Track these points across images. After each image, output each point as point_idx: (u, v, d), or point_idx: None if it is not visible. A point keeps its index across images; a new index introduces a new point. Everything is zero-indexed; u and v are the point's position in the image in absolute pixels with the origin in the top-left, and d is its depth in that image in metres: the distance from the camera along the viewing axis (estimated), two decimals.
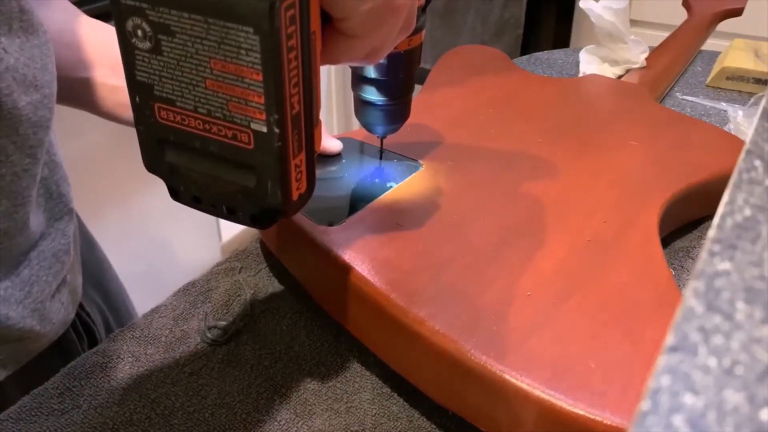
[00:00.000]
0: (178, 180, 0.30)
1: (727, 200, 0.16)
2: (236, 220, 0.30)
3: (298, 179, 0.29)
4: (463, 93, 0.61)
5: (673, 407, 0.12)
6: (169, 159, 0.29)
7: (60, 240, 0.45)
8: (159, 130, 0.29)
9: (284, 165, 0.27)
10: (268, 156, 0.27)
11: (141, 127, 0.29)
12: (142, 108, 0.28)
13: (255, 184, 0.28)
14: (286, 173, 0.28)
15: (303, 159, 0.29)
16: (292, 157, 0.28)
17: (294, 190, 0.29)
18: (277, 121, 0.26)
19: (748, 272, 0.14)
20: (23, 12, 0.37)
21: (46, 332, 0.44)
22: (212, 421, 0.37)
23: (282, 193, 0.28)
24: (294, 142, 0.27)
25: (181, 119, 0.28)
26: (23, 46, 0.37)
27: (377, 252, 0.39)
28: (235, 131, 0.27)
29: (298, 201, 0.29)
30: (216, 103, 0.27)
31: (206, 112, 0.27)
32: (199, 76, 0.26)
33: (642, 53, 0.74)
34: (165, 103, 0.28)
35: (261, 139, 0.27)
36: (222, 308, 0.45)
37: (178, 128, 0.28)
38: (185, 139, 0.28)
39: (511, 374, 0.32)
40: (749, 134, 0.19)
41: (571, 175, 0.48)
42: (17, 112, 0.36)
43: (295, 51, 0.26)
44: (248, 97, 0.26)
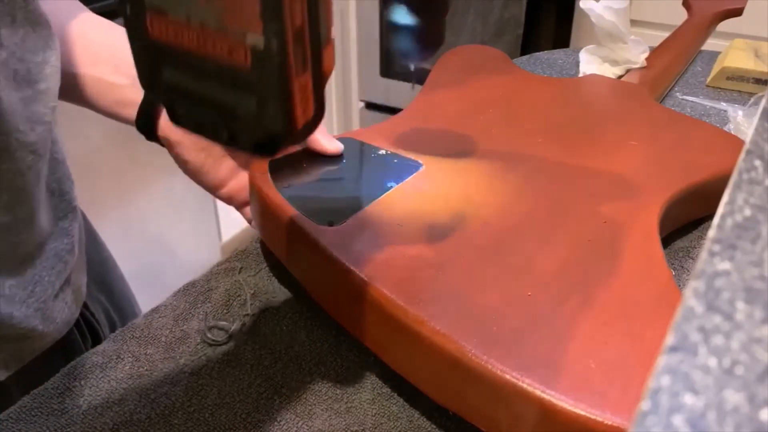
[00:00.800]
0: (177, 101, 0.27)
1: (727, 200, 0.16)
2: (239, 147, 0.27)
3: (303, 103, 0.26)
4: (464, 93, 0.61)
5: (673, 407, 0.12)
6: (165, 78, 0.27)
7: (64, 239, 0.45)
8: (153, 44, 0.26)
9: (286, 85, 0.25)
10: (266, 74, 0.24)
11: (134, 43, 0.27)
12: (134, 21, 0.26)
13: (255, 107, 0.25)
14: (289, 94, 0.25)
15: (309, 80, 0.26)
16: (295, 76, 0.25)
17: (299, 114, 0.26)
18: (276, 32, 0.24)
19: (748, 272, 0.14)
20: (28, 2, 0.36)
21: (49, 332, 0.44)
22: (212, 421, 0.37)
23: (285, 117, 0.25)
24: (297, 58, 0.25)
25: (174, 32, 0.25)
26: (26, 37, 0.37)
27: (377, 252, 0.39)
28: (231, 46, 0.24)
29: (304, 128, 0.27)
30: (209, 12, 0.24)
31: (199, 24, 0.25)
32: None
33: (642, 53, 0.74)
34: (157, 13, 0.25)
35: (258, 54, 0.24)
36: (222, 308, 0.45)
37: (172, 43, 0.26)
38: (180, 56, 0.26)
39: (511, 374, 0.32)
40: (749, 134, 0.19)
41: (572, 175, 0.48)
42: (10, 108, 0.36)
43: None
44: (243, 3, 0.23)
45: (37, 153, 0.39)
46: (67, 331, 0.47)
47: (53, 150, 0.44)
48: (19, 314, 0.41)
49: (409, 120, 0.56)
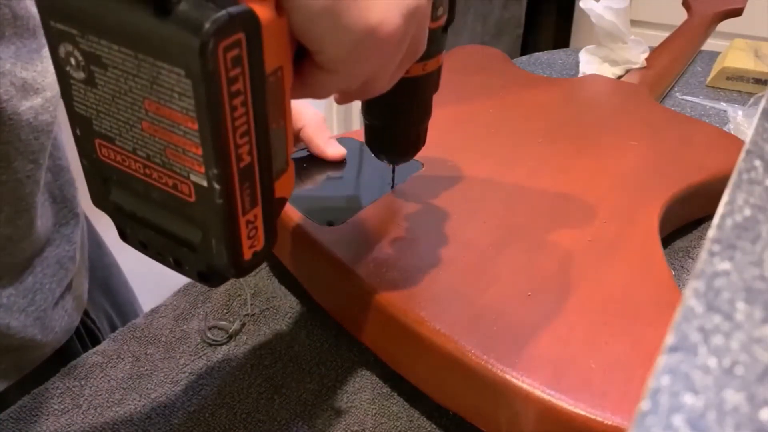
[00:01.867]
0: (124, 221, 0.27)
1: (727, 200, 0.16)
2: (184, 274, 0.27)
3: (251, 236, 0.25)
4: (464, 93, 0.61)
5: (673, 407, 0.12)
6: (113, 198, 0.27)
7: (65, 246, 0.44)
8: (101, 167, 0.26)
9: (231, 223, 0.24)
10: (210, 212, 0.24)
11: (84, 161, 0.26)
12: (83, 142, 0.25)
13: (200, 240, 0.25)
14: (234, 231, 0.24)
15: (259, 214, 0.25)
16: (242, 214, 0.24)
17: (245, 249, 0.25)
18: (218, 176, 0.23)
19: (748, 272, 0.14)
20: (17, 17, 0.36)
21: (48, 341, 0.43)
22: (212, 421, 0.37)
23: (229, 253, 0.25)
24: (245, 197, 0.24)
25: (122, 159, 0.25)
26: (19, 52, 0.36)
27: (377, 252, 0.39)
28: (176, 180, 0.24)
29: (252, 260, 0.26)
30: (154, 148, 0.23)
31: (145, 156, 0.24)
32: (134, 116, 0.23)
33: (642, 53, 0.74)
34: (105, 140, 0.25)
35: (202, 193, 0.23)
36: (222, 308, 0.45)
37: (120, 168, 0.25)
38: (127, 181, 0.25)
39: (511, 374, 0.32)
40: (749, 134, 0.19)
41: (572, 175, 0.48)
42: (18, 118, 0.36)
43: (242, 96, 0.22)
44: (186, 146, 0.23)
45: (37, 162, 0.38)
46: (67, 340, 0.47)
47: (57, 156, 0.44)
48: (17, 324, 0.40)
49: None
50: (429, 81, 0.37)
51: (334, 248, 0.40)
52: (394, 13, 0.25)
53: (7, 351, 0.41)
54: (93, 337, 0.52)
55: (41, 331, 0.42)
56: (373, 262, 0.38)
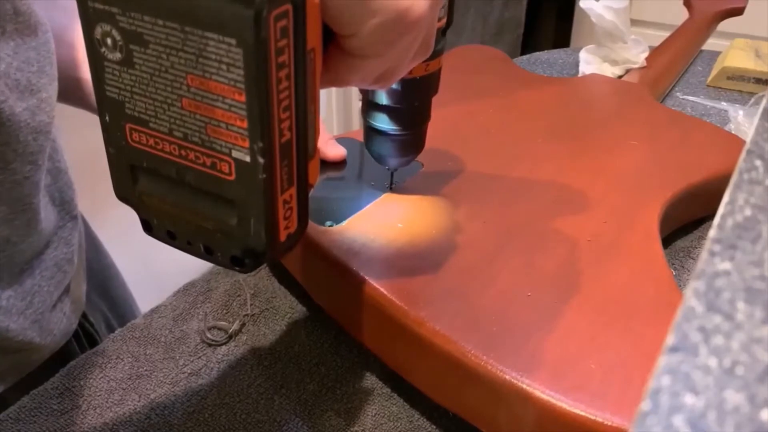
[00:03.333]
0: (151, 211, 0.27)
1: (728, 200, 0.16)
2: (214, 261, 0.26)
3: (287, 217, 0.25)
4: (464, 93, 0.61)
5: (674, 407, 0.12)
6: (141, 187, 0.26)
7: (63, 249, 0.44)
8: (130, 153, 0.25)
9: (270, 201, 0.24)
10: (251, 190, 0.23)
11: (111, 149, 0.26)
12: (112, 128, 0.25)
13: (236, 221, 0.24)
14: (273, 210, 0.24)
15: (294, 194, 0.25)
16: (280, 192, 0.24)
17: (282, 229, 0.25)
18: (262, 149, 0.23)
19: (749, 272, 0.14)
20: (18, 14, 0.36)
21: (46, 344, 0.43)
22: (212, 421, 0.37)
23: (267, 233, 0.24)
24: (283, 174, 0.24)
25: (154, 143, 0.25)
26: (18, 49, 0.36)
27: (377, 253, 0.39)
28: (215, 159, 0.24)
29: (286, 242, 0.26)
30: (193, 126, 0.23)
31: (182, 136, 0.24)
32: (174, 94, 0.23)
33: (642, 53, 0.74)
34: (137, 124, 0.25)
35: (244, 169, 0.23)
36: (222, 308, 0.45)
37: (152, 153, 0.25)
38: (159, 166, 0.25)
39: (511, 375, 0.32)
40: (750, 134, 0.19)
41: (572, 175, 0.48)
42: (15, 119, 0.36)
43: (286, 69, 0.23)
44: (230, 120, 0.23)
45: (36, 163, 0.38)
46: (65, 342, 0.46)
47: (55, 158, 0.44)
48: (16, 326, 0.40)
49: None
50: (431, 82, 0.37)
51: (334, 249, 0.40)
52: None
53: (5, 353, 0.41)
54: (91, 339, 0.52)
55: (39, 333, 0.42)
56: (373, 262, 0.38)
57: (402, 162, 0.42)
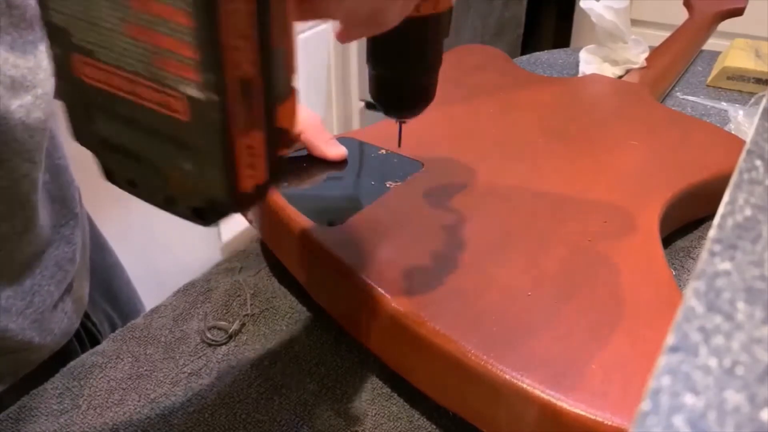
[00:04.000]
0: (109, 156, 0.24)
1: (728, 200, 0.16)
2: (177, 213, 0.24)
3: (251, 165, 0.23)
4: (464, 93, 0.61)
5: (674, 407, 0.12)
6: (97, 128, 0.23)
7: (64, 248, 0.44)
8: (82, 89, 0.23)
9: (228, 144, 0.21)
10: (205, 131, 0.21)
11: (62, 83, 0.23)
12: (61, 60, 0.22)
13: (193, 167, 0.22)
14: (231, 155, 0.22)
15: (260, 139, 0.23)
16: (241, 135, 0.22)
17: (245, 177, 0.22)
18: (215, 83, 0.20)
19: (749, 272, 0.14)
20: (12, 7, 0.35)
21: (46, 344, 0.43)
22: (212, 421, 0.37)
23: (227, 181, 0.22)
24: (244, 115, 0.21)
25: (105, 77, 0.22)
26: (14, 44, 0.36)
27: (377, 252, 0.39)
28: (166, 96, 0.21)
29: (253, 193, 0.23)
30: (140, 56, 0.21)
31: (131, 69, 0.21)
32: (116, 18, 0.20)
33: (642, 53, 0.74)
34: (84, 55, 0.22)
35: (196, 107, 0.21)
36: (222, 308, 0.45)
37: (104, 89, 0.22)
38: (112, 104, 0.22)
39: (511, 374, 0.32)
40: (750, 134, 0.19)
41: (572, 174, 0.48)
42: (10, 116, 0.35)
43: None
44: (177, 49, 0.20)
45: (33, 161, 0.38)
46: (66, 342, 0.46)
47: (55, 156, 0.43)
48: (15, 326, 0.40)
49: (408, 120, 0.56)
50: (440, 22, 0.33)
51: (334, 248, 0.40)
52: None
53: (4, 353, 0.41)
54: (93, 339, 0.52)
55: (39, 333, 0.42)
56: (373, 262, 0.38)
57: (411, 113, 0.38)
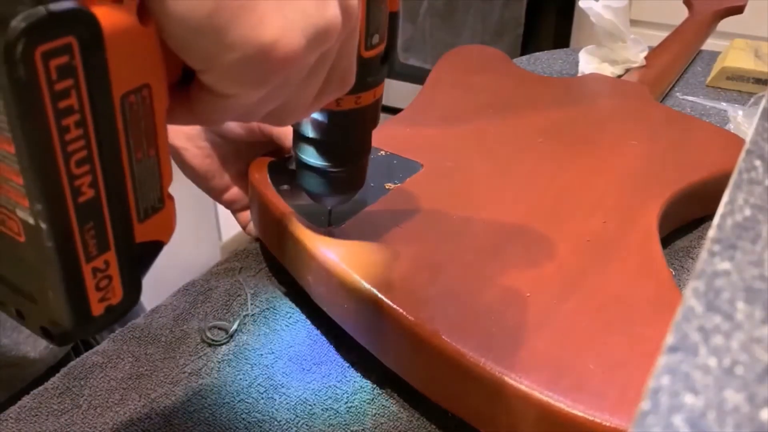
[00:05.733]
0: None
1: (727, 200, 0.16)
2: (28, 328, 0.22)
3: (102, 287, 0.21)
4: (464, 93, 0.61)
5: (673, 407, 0.12)
6: None
7: None
8: None
9: (68, 271, 0.20)
10: (42, 258, 0.19)
11: None
12: None
13: (37, 289, 0.21)
14: (75, 282, 0.20)
15: (112, 260, 0.21)
16: (85, 260, 0.20)
17: (93, 302, 0.21)
18: (44, 212, 0.18)
19: (748, 272, 0.14)
20: None
21: (41, 357, 0.42)
22: (212, 420, 0.37)
23: (71, 307, 0.20)
24: (88, 239, 0.20)
25: None
26: None
27: (377, 253, 0.39)
28: (4, 216, 0.20)
29: (105, 315, 0.22)
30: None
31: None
32: None
33: (641, 52, 0.74)
34: None
35: (31, 233, 0.19)
36: (222, 308, 0.45)
37: None
38: None
39: (510, 375, 0.32)
40: (749, 134, 0.19)
41: (572, 174, 0.48)
42: None
43: (76, 115, 0.18)
44: (7, 174, 0.18)
45: None
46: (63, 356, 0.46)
47: None
48: (9, 341, 0.39)
49: (409, 120, 0.56)
50: (364, 116, 0.33)
51: (333, 250, 0.40)
52: (295, 32, 0.21)
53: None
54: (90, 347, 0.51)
55: (34, 348, 0.41)
56: (373, 263, 0.38)
57: (337, 200, 0.38)
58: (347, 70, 0.26)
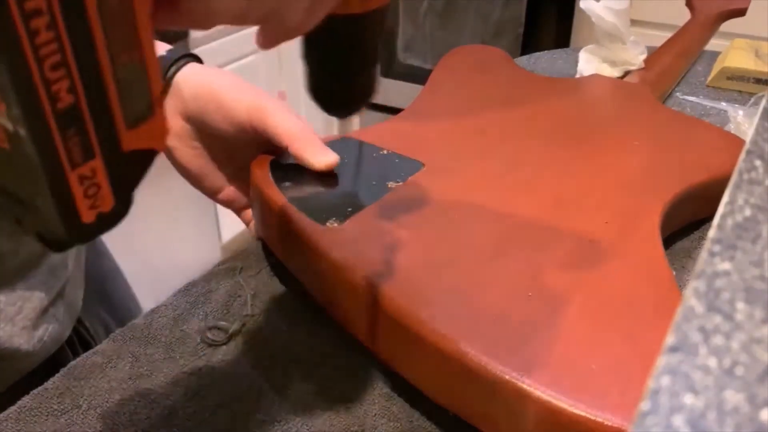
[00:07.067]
0: None
1: (728, 200, 0.16)
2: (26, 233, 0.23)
3: (90, 194, 0.21)
4: (466, 93, 0.61)
5: (674, 407, 0.12)
6: None
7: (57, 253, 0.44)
8: None
9: (53, 178, 0.20)
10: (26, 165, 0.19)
11: None
12: None
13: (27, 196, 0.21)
14: (62, 188, 0.20)
15: (99, 167, 0.21)
16: (70, 167, 0.20)
17: (83, 209, 0.21)
18: (22, 118, 0.18)
19: (749, 272, 0.14)
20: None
21: (35, 351, 0.42)
22: (212, 421, 0.37)
23: (59, 214, 0.21)
24: (72, 146, 0.20)
25: None
26: None
27: (377, 252, 0.39)
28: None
29: (97, 222, 0.22)
30: None
31: None
32: None
33: (641, 54, 0.74)
34: None
35: (14, 139, 0.19)
36: (222, 308, 0.45)
37: None
38: None
39: (511, 375, 0.32)
40: (749, 134, 0.19)
41: (573, 175, 0.48)
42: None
43: (45, 16, 0.18)
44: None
45: None
46: (58, 349, 0.46)
47: None
48: (3, 333, 0.39)
49: (410, 120, 0.56)
50: (371, 21, 0.32)
51: (335, 248, 0.40)
52: None
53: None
54: (87, 346, 0.51)
55: (27, 340, 0.41)
56: (373, 262, 0.38)
57: (346, 112, 0.37)
58: None
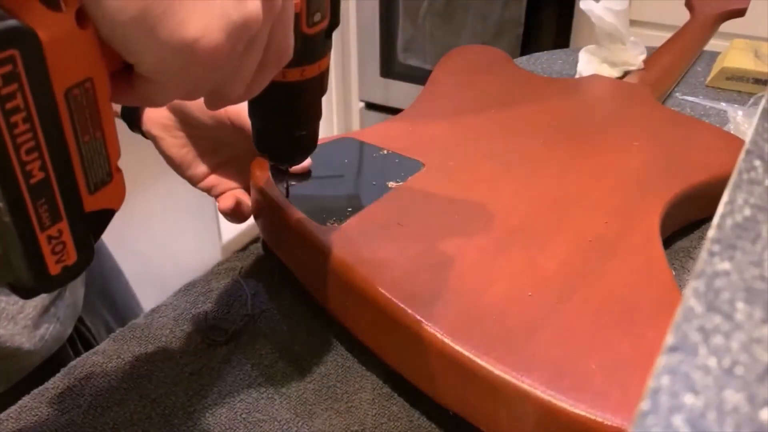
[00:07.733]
0: None
1: (727, 200, 0.16)
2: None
3: (57, 251, 0.24)
4: (465, 93, 0.61)
5: (673, 407, 0.12)
6: None
7: None
8: None
9: (26, 240, 0.23)
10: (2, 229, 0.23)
11: None
12: None
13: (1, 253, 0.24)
14: (33, 248, 0.24)
15: (65, 228, 0.24)
16: (40, 230, 0.23)
17: (51, 264, 0.24)
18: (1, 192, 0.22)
19: (748, 272, 0.14)
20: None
21: (37, 350, 0.43)
22: (212, 421, 0.37)
23: (31, 269, 0.24)
24: (42, 213, 0.23)
25: None
26: None
27: (378, 252, 0.39)
28: None
29: (63, 274, 0.25)
30: None
31: None
32: None
33: (640, 55, 0.74)
34: None
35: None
36: (222, 308, 0.45)
37: None
38: None
39: (511, 375, 0.32)
40: (749, 134, 0.19)
41: (573, 175, 0.48)
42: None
43: (22, 113, 0.21)
44: None
45: None
46: (59, 348, 0.46)
47: None
48: (4, 332, 0.40)
49: (410, 120, 0.56)
50: (310, 86, 0.36)
51: (335, 248, 0.40)
52: (215, 28, 0.24)
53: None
54: (88, 345, 0.51)
55: (29, 339, 0.42)
56: (373, 262, 0.38)
57: (287, 162, 0.41)
58: (282, 48, 0.28)
